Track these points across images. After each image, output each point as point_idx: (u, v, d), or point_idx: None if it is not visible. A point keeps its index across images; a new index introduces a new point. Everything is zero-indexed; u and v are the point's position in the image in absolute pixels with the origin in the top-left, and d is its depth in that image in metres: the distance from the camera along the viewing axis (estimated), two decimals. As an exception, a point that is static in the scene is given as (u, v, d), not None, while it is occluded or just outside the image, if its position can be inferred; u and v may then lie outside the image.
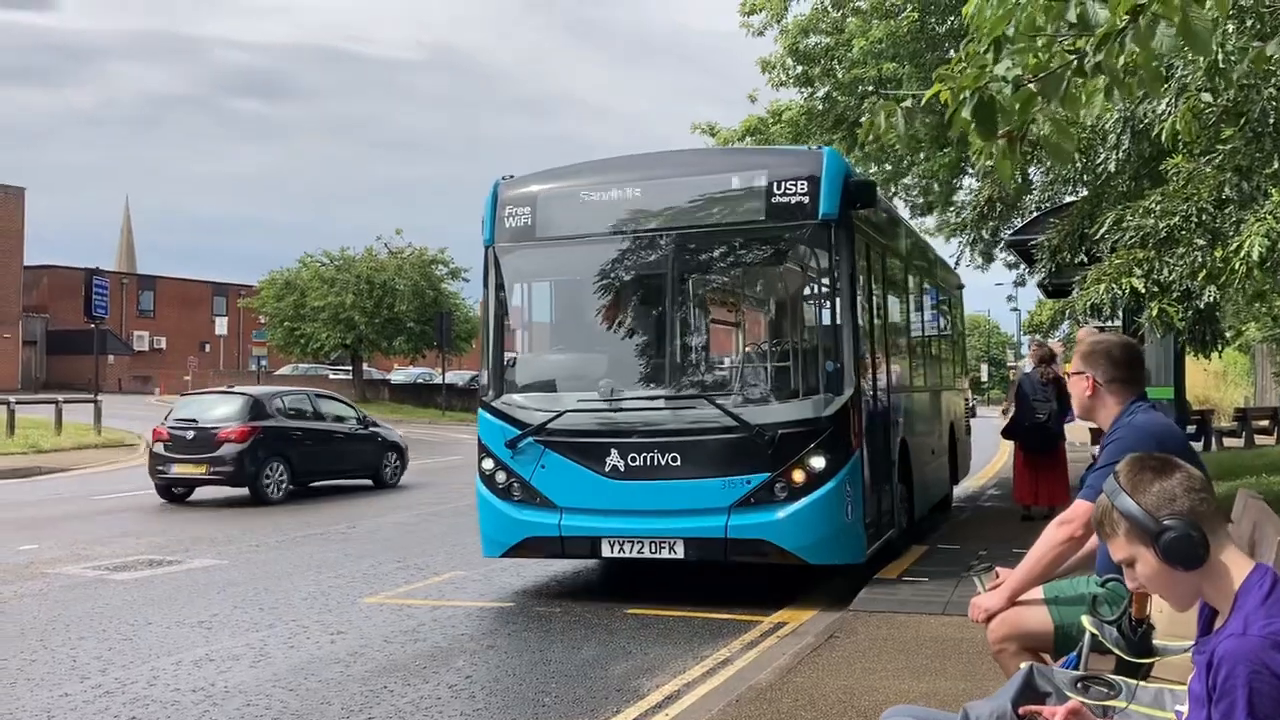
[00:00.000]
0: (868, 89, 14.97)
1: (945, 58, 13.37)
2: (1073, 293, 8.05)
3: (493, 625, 7.36)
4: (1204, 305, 7.26)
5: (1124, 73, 3.01)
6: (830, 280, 7.74)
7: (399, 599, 8.20)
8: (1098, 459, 3.58)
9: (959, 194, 18.14)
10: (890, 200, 16.05)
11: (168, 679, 5.97)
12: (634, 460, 7.53)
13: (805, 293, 8.66)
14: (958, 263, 17.19)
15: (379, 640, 6.85)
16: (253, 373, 44.60)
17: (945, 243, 19.17)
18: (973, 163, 14.28)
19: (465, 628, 7.26)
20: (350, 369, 46.98)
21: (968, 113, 2.97)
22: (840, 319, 7.67)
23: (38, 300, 56.25)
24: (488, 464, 8.03)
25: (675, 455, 7.47)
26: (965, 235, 16.79)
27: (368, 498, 15.93)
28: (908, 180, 18.10)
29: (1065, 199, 11.41)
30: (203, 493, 15.54)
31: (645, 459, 7.52)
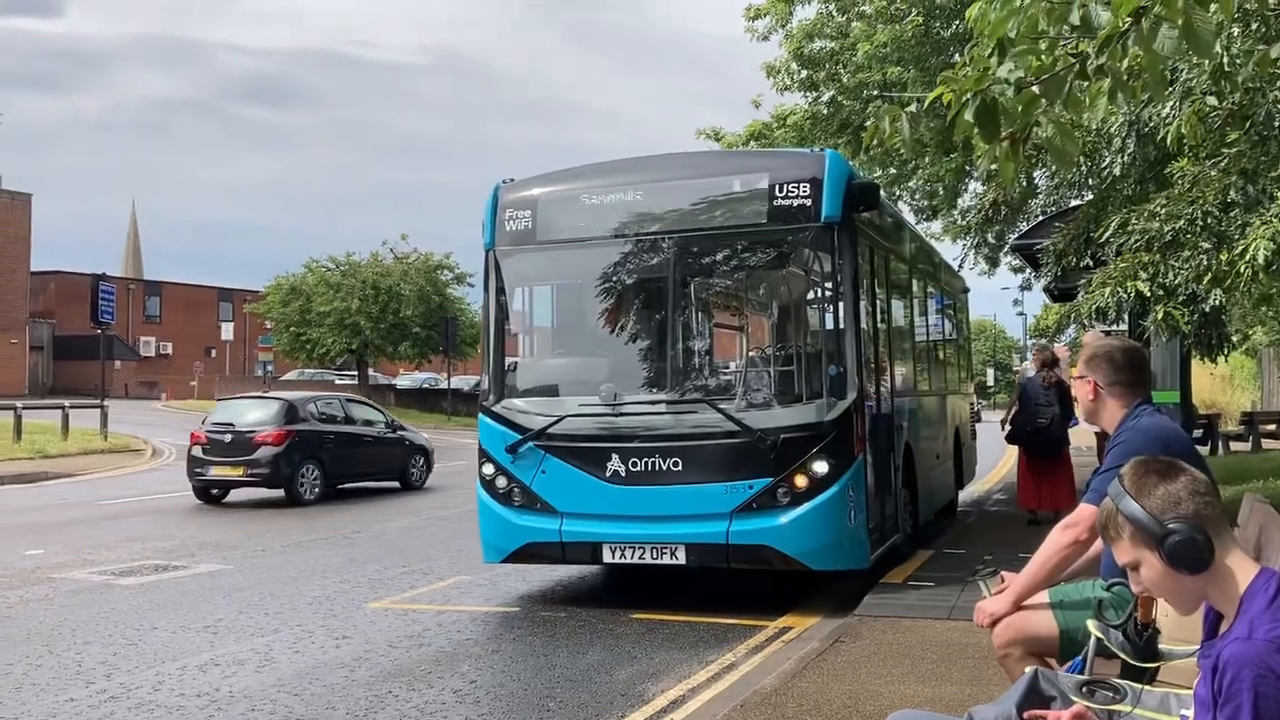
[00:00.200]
0: (872, 93, 14.96)
1: (950, 62, 13.38)
2: (1078, 296, 8.04)
3: (498, 630, 7.35)
4: (1209, 309, 7.26)
5: (1128, 76, 3.01)
6: (833, 283, 7.68)
7: (404, 604, 8.20)
8: (1102, 462, 3.57)
9: (964, 198, 18.12)
10: (895, 204, 16.03)
11: (173, 684, 5.98)
12: (635, 465, 7.49)
13: (808, 296, 8.57)
14: (962, 266, 17.19)
15: (384, 645, 6.85)
16: (259, 378, 44.69)
17: (952, 243, 19.18)
18: (977, 166, 14.29)
19: (470, 632, 7.25)
20: (356, 374, 47.05)
21: (970, 115, 2.97)
22: (843, 322, 7.60)
23: (44, 306, 56.45)
24: (488, 469, 8.00)
25: (677, 460, 7.43)
26: (970, 239, 16.76)
27: (391, 501, 16.02)
28: (912, 184, 18.08)
29: (1070, 203, 11.37)
30: (234, 494, 15.74)
31: (646, 464, 7.47)
